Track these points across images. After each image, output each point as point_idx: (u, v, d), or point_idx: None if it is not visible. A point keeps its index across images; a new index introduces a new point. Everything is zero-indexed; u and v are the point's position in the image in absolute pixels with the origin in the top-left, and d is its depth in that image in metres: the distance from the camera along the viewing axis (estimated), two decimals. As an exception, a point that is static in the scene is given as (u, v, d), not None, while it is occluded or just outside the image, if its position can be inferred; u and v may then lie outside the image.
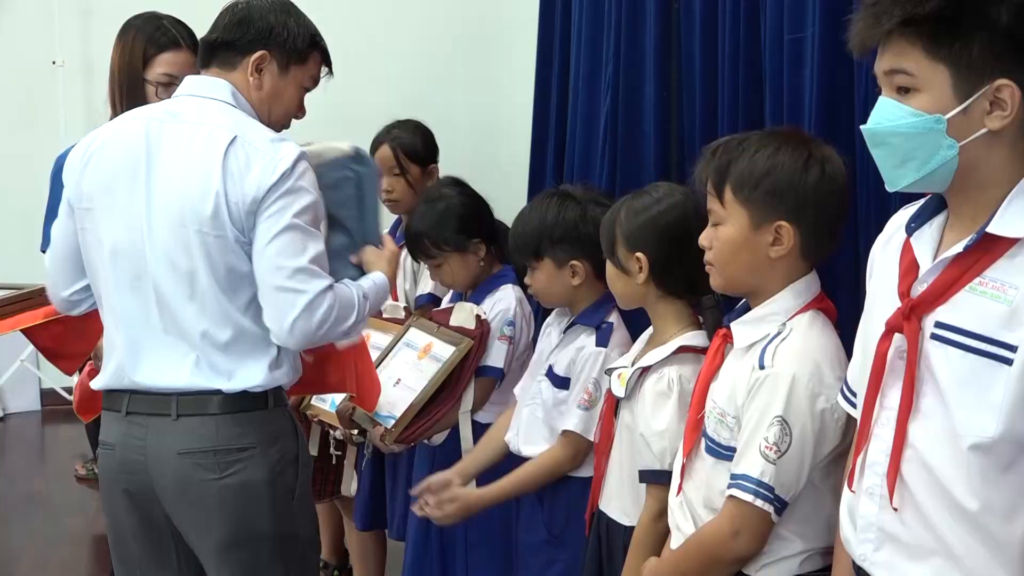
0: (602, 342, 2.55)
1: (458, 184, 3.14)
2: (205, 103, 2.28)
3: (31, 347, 5.72)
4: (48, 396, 6.14)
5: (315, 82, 2.43)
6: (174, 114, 2.27)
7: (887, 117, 1.53)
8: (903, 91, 1.52)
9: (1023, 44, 1.45)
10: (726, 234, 1.97)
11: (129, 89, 2.93)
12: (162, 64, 2.92)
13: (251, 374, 2.22)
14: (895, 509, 1.56)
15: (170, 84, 2.94)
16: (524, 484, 2.61)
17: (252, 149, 2.18)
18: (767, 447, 1.83)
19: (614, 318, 2.59)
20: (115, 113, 2.99)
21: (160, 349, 2.22)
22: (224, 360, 2.21)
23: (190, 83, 2.35)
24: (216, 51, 2.33)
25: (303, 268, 2.16)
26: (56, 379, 5.89)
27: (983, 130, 1.48)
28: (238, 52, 2.31)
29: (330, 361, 2.54)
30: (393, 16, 5.71)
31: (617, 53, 3.23)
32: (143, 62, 2.92)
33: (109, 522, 2.36)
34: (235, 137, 2.18)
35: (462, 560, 2.88)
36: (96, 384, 2.34)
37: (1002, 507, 1.48)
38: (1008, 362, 1.45)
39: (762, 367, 1.87)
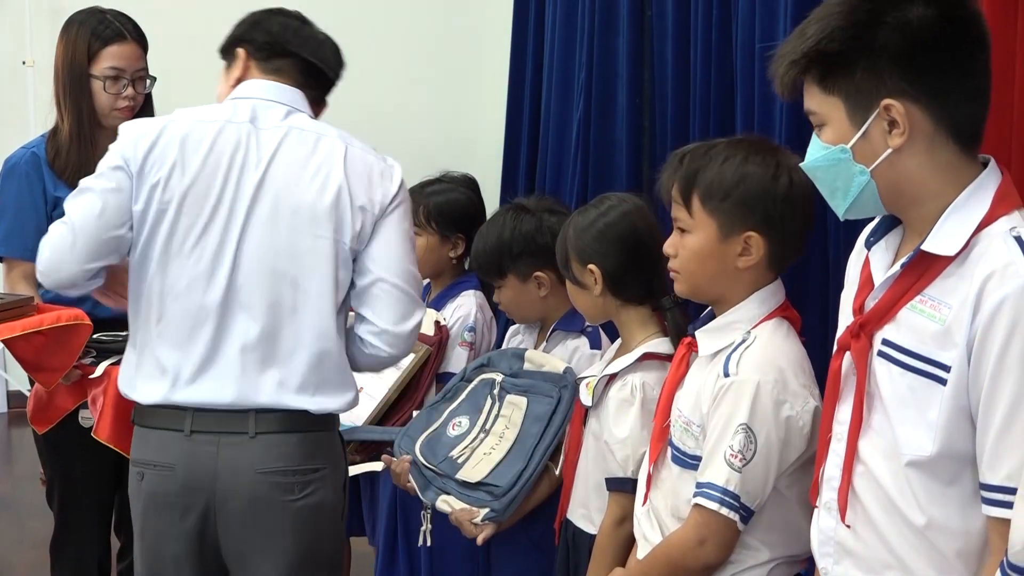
0: (596, 344, 2.57)
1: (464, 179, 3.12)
2: (295, 113, 2.22)
3: (-3, 349, 5.68)
4: (15, 398, 6.08)
5: None
6: (264, 118, 2.18)
7: (811, 154, 1.59)
8: (818, 128, 1.58)
9: (901, 62, 1.48)
10: (693, 243, 1.96)
11: (73, 86, 2.88)
12: (108, 57, 2.87)
13: (332, 397, 2.17)
14: (848, 526, 1.58)
15: (118, 78, 2.89)
16: None
17: (367, 157, 2.20)
18: (732, 455, 1.83)
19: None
20: (60, 113, 2.93)
21: (237, 362, 2.11)
22: (311, 379, 2.13)
23: (261, 88, 2.23)
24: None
25: (420, 279, 2.28)
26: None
27: (888, 151, 1.51)
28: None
29: None
30: (369, 21, 5.69)
31: (590, 60, 3.24)
32: (88, 57, 2.87)
33: (148, 547, 2.22)
34: (347, 146, 2.18)
35: (427, 564, 2.86)
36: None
37: (948, 522, 1.50)
38: (943, 381, 1.47)
39: (727, 375, 1.86)
